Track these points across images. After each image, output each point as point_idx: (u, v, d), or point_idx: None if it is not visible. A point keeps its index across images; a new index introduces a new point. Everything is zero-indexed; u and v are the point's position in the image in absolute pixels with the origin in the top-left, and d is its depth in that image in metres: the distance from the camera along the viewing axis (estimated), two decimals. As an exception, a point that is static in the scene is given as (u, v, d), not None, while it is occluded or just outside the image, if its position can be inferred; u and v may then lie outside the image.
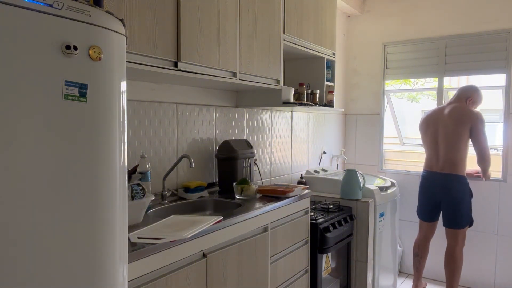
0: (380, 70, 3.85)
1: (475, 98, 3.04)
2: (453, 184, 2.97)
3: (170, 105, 2.17)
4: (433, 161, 3.08)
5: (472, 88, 3.09)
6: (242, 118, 2.70)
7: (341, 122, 4.03)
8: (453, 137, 2.95)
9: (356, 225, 2.86)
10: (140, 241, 1.36)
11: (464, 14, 3.40)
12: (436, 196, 3.07)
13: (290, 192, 2.20)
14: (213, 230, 1.63)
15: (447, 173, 2.98)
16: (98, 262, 1.04)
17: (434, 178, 3.06)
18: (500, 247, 3.34)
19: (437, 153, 3.06)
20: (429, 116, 3.15)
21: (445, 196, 3.01)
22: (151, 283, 1.36)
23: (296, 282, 2.28)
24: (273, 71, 2.40)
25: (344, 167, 4.01)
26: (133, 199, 1.54)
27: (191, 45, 1.80)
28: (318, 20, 2.86)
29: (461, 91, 3.09)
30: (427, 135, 3.13)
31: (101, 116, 1.03)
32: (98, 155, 1.02)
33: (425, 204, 3.17)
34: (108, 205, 1.06)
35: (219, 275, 1.68)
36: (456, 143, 2.94)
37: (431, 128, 3.09)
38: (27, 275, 0.90)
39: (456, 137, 2.94)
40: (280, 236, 2.12)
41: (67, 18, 0.95)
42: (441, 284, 3.48)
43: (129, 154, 1.93)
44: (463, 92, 3.07)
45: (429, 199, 3.13)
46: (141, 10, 1.58)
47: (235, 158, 2.32)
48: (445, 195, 3.00)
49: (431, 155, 3.10)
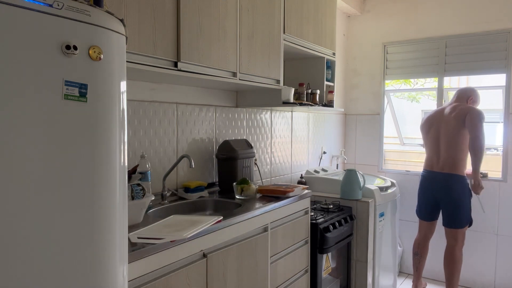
0: (380, 70, 3.85)
1: (475, 98, 3.09)
2: (453, 184, 2.97)
3: (170, 105, 2.17)
4: (433, 161, 3.09)
5: (471, 88, 3.17)
6: (242, 118, 2.70)
7: (341, 122, 4.03)
8: (454, 137, 2.96)
9: (356, 225, 2.86)
10: (140, 241, 1.36)
11: (464, 14, 3.41)
12: (436, 195, 3.08)
13: (290, 192, 2.20)
14: (213, 230, 1.63)
15: (447, 173, 2.99)
16: (98, 262, 1.04)
17: (434, 177, 3.07)
18: (500, 247, 3.34)
19: (437, 152, 3.07)
20: (431, 116, 3.17)
21: (445, 196, 3.01)
22: (151, 283, 1.36)
23: (296, 282, 2.28)
24: (273, 71, 2.40)
25: (344, 167, 4.01)
26: (133, 199, 1.54)
27: (191, 45, 1.80)
28: (318, 20, 2.86)
29: (461, 92, 3.14)
30: (429, 135, 3.14)
31: (101, 116, 1.03)
32: (98, 155, 1.02)
33: (425, 203, 3.17)
34: (108, 205, 1.06)
35: (219, 275, 1.68)
36: (457, 142, 2.96)
37: (433, 128, 3.11)
38: (27, 275, 0.90)
39: (457, 137, 2.95)
40: (280, 236, 2.12)
41: (67, 18, 0.95)
42: (441, 284, 3.48)
43: (129, 154, 1.93)
44: (463, 93, 3.12)
45: (429, 199, 3.13)
46: (141, 10, 1.58)
47: (235, 158, 2.32)
48: (445, 195, 3.01)
49: (432, 155, 3.11)
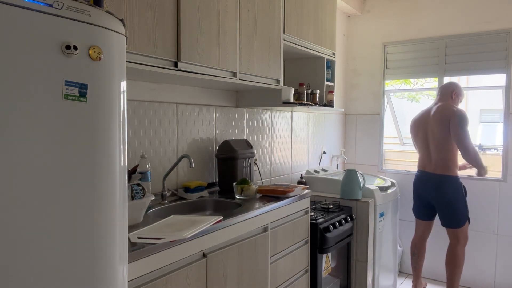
0: (380, 70, 3.85)
1: (458, 91, 3.08)
2: (446, 185, 2.98)
3: (170, 105, 2.17)
4: (426, 162, 3.10)
5: (452, 83, 3.18)
6: (242, 118, 2.70)
7: (341, 122, 4.03)
8: (440, 139, 2.98)
9: (356, 225, 2.86)
10: (140, 241, 1.36)
11: (464, 14, 3.41)
12: (430, 196, 3.07)
13: (290, 192, 2.20)
14: (213, 230, 1.63)
15: (440, 174, 2.99)
16: (98, 262, 1.04)
17: (427, 178, 3.07)
18: (500, 247, 3.34)
19: (428, 154, 3.08)
20: (417, 120, 3.17)
21: (439, 197, 3.01)
22: (151, 283, 1.36)
23: (296, 282, 2.28)
24: (273, 71, 2.40)
25: (344, 167, 4.01)
26: (133, 199, 1.54)
27: (191, 45, 1.80)
28: (318, 20, 2.86)
29: (444, 88, 3.13)
30: (418, 138, 3.16)
31: (101, 116, 1.03)
32: (98, 155, 1.02)
33: (420, 203, 3.18)
34: (108, 205, 1.06)
35: (219, 275, 1.68)
36: (444, 144, 2.97)
37: (421, 132, 3.12)
38: (27, 275, 0.90)
39: (443, 139, 2.97)
40: (280, 236, 2.12)
41: (67, 18, 0.95)
42: (441, 284, 3.48)
43: (129, 154, 1.93)
44: (446, 89, 3.11)
45: (424, 199, 3.13)
46: (141, 10, 1.58)
47: (235, 158, 2.32)
48: (439, 196, 3.01)
49: (423, 156, 3.13)
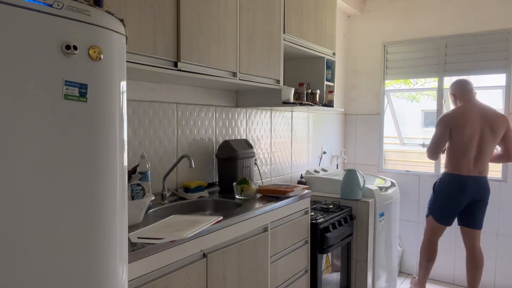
0: (380, 70, 3.85)
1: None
2: (487, 186, 2.92)
3: (170, 105, 2.17)
4: (469, 165, 2.88)
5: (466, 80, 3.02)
6: (242, 118, 2.70)
7: (341, 122, 4.03)
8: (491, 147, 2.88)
9: (356, 225, 2.86)
10: (140, 241, 1.36)
11: (464, 14, 3.41)
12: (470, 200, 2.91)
13: (290, 192, 2.20)
14: (213, 230, 1.63)
15: (484, 176, 2.90)
16: (98, 262, 1.04)
17: (470, 182, 2.88)
18: (500, 247, 3.34)
19: (475, 156, 2.87)
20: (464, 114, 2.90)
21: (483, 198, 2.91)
22: (151, 283, 1.36)
23: (296, 282, 2.28)
24: (273, 71, 2.40)
25: (344, 167, 4.01)
26: (133, 199, 1.54)
27: (191, 45, 1.80)
28: (318, 20, 2.86)
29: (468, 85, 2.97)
30: (464, 133, 2.86)
31: (101, 116, 1.03)
32: (98, 155, 1.02)
33: (453, 209, 2.95)
34: (108, 205, 1.06)
35: (219, 275, 1.68)
36: (493, 146, 2.89)
37: (470, 128, 2.86)
38: (27, 275, 0.90)
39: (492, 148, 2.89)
40: (280, 236, 2.12)
41: (67, 18, 0.95)
42: (443, 285, 3.48)
43: (129, 154, 1.93)
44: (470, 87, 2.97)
45: (460, 204, 2.92)
46: (141, 10, 1.58)
47: (235, 158, 2.32)
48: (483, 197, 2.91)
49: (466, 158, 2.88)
